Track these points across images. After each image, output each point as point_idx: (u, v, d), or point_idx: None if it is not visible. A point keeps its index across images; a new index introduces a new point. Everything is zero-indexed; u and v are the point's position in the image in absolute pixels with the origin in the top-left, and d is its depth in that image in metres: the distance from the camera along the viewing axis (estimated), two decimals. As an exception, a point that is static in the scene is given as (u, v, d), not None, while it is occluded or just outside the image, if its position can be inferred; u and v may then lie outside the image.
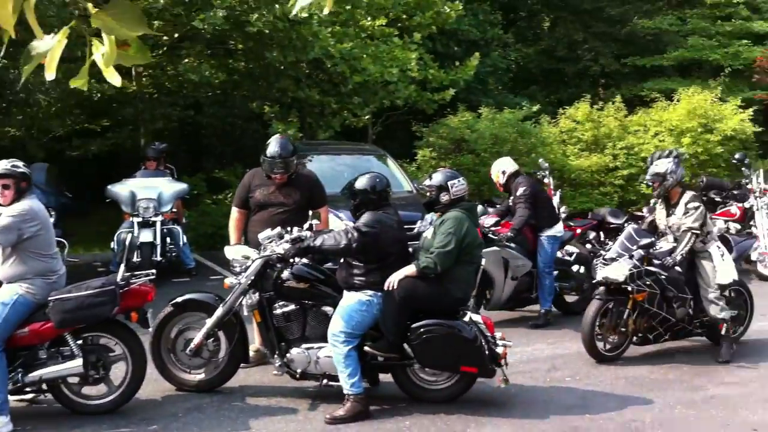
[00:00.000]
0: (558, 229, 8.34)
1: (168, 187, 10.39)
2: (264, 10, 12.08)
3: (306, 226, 6.12)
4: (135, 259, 9.53)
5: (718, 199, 11.77)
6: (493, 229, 8.22)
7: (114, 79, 2.31)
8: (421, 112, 16.31)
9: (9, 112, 12.58)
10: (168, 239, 10.13)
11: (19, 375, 5.41)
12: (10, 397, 5.38)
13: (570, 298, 8.83)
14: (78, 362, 5.45)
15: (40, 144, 14.73)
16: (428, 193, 5.99)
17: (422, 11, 14.99)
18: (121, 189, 10.25)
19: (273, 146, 6.53)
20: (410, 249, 6.03)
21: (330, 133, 14.18)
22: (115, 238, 9.97)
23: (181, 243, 10.35)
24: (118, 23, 2.24)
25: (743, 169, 12.70)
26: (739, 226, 10.69)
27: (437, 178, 5.95)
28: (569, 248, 8.82)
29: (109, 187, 10.43)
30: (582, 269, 8.71)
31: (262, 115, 15.58)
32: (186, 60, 13.78)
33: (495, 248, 8.00)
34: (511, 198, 8.35)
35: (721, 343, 7.10)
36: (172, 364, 6.09)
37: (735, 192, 11.90)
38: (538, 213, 8.18)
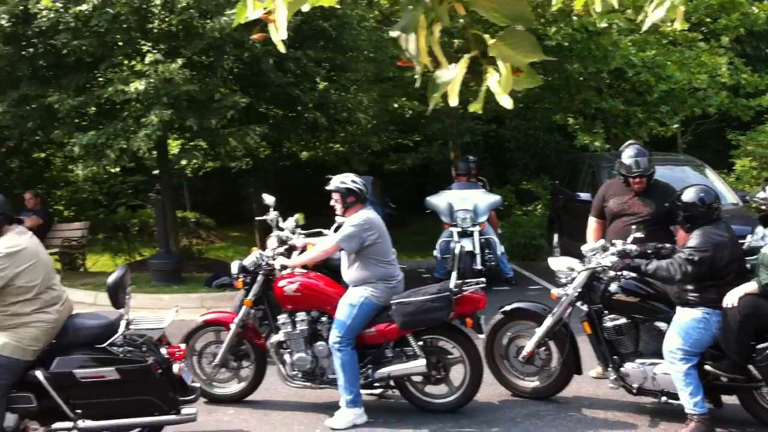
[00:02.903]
0: None
1: (482, 198, 10.68)
2: (562, 23, 12.15)
3: (630, 239, 5.99)
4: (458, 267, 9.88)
5: None
6: None
7: (507, 103, 2.46)
8: (735, 119, 15.37)
9: (333, 130, 13.68)
10: (486, 249, 10.33)
11: (369, 371, 5.92)
12: (362, 391, 5.89)
13: None
14: (421, 362, 5.84)
15: (361, 158, 15.91)
16: (763, 207, 5.65)
17: (727, 13, 14.14)
18: (438, 201, 10.72)
19: (629, 150, 6.48)
20: (747, 264, 5.69)
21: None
22: (437, 247, 10.36)
23: (498, 252, 10.51)
24: (514, 51, 2.40)
25: None
26: None
27: None
28: None
29: (427, 198, 10.95)
30: None
31: (563, 126, 15.58)
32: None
33: None
34: None
35: None
36: (506, 369, 6.30)
37: None
38: None
